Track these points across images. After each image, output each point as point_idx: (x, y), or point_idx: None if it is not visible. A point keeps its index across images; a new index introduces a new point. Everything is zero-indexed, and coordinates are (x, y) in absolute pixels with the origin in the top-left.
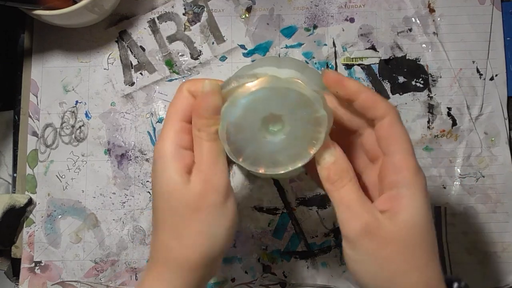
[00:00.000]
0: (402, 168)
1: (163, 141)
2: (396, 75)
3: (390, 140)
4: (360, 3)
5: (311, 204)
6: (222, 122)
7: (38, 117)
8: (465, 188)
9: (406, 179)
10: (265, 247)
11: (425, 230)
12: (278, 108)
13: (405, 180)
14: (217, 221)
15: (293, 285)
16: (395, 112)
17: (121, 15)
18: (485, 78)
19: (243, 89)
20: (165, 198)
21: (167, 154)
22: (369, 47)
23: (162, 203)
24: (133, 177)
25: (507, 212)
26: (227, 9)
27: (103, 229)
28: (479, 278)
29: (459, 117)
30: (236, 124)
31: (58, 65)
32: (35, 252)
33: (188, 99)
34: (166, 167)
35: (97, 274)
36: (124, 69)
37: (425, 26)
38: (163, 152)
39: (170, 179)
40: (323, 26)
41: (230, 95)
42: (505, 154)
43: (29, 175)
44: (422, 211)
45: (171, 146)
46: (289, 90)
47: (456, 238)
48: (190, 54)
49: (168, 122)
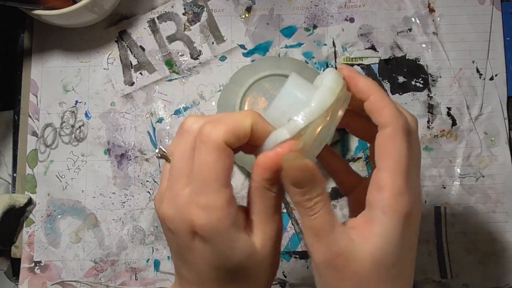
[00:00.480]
0: (385, 187)
1: (218, 220)
2: (396, 75)
3: (382, 154)
4: (360, 3)
5: None
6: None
7: (38, 117)
8: (465, 188)
9: (385, 201)
10: None
11: (395, 266)
12: None
13: (383, 202)
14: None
15: (292, 285)
16: (400, 123)
17: (121, 15)
18: (485, 78)
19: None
20: (239, 269)
21: (229, 233)
22: (369, 47)
23: (237, 272)
24: (133, 177)
25: (507, 212)
26: (227, 9)
27: (103, 229)
28: (479, 278)
29: (459, 117)
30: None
31: (58, 65)
32: (35, 252)
33: (230, 157)
34: (233, 243)
35: (97, 274)
36: (124, 69)
37: (425, 26)
38: (222, 232)
39: (242, 254)
40: (323, 26)
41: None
42: (505, 154)
43: (29, 175)
44: (394, 242)
45: (228, 218)
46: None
47: (456, 238)
48: (190, 54)
49: (212, 191)
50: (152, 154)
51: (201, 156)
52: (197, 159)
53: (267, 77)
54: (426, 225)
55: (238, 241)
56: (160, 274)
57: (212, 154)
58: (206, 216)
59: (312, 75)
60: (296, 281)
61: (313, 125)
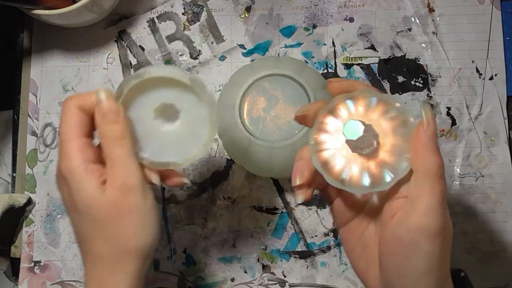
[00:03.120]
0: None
1: (70, 160)
2: (396, 75)
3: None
4: (359, 3)
5: (310, 203)
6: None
7: (37, 117)
8: (465, 187)
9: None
10: (264, 247)
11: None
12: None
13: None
14: (140, 220)
15: (292, 284)
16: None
17: (121, 15)
18: (485, 77)
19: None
20: (86, 213)
21: (79, 171)
22: (368, 47)
23: (84, 219)
24: None
25: (507, 211)
26: (226, 8)
27: None
28: (479, 278)
29: (459, 117)
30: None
31: (57, 64)
32: (35, 252)
33: (79, 115)
34: (82, 185)
35: None
36: (124, 69)
37: (425, 26)
38: (74, 171)
39: (87, 194)
40: (322, 25)
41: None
42: (505, 154)
43: (29, 175)
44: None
45: (80, 163)
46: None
47: (456, 238)
48: (190, 54)
49: (67, 141)
50: None
51: (62, 116)
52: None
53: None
54: None
55: (85, 185)
56: (159, 274)
57: (66, 115)
58: (64, 162)
59: (312, 75)
60: (295, 281)
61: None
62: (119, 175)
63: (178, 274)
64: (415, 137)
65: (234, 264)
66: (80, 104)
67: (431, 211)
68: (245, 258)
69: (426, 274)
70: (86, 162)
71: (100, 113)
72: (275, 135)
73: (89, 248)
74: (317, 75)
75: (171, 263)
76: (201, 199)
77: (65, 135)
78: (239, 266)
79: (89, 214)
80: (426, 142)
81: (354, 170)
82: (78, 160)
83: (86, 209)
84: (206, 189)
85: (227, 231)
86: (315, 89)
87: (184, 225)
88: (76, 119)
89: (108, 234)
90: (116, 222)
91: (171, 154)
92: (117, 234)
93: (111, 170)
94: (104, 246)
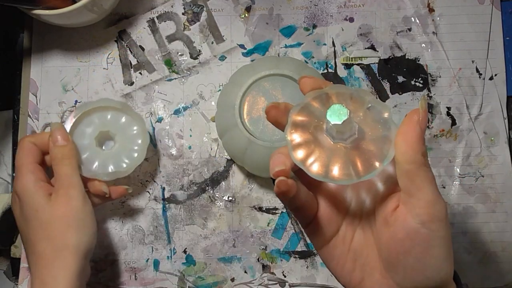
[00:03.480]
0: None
1: (23, 179)
2: (396, 75)
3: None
4: (359, 3)
5: None
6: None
7: (37, 117)
8: (465, 187)
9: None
10: (264, 247)
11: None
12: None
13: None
14: (79, 222)
15: (292, 284)
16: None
17: (121, 15)
18: (485, 77)
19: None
20: (32, 218)
21: (30, 186)
22: (368, 47)
23: (30, 224)
24: (132, 177)
25: (507, 211)
26: (226, 8)
27: (103, 229)
28: (479, 277)
29: (459, 117)
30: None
31: (57, 64)
32: None
33: (31, 147)
34: (31, 196)
35: (97, 274)
36: (124, 69)
37: (425, 26)
38: (26, 186)
39: (35, 202)
40: (322, 25)
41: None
42: (505, 154)
43: None
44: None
45: (31, 180)
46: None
47: (456, 237)
48: (190, 54)
49: (21, 165)
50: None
51: (17, 150)
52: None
53: (267, 77)
54: None
55: (34, 197)
56: (159, 274)
57: (21, 148)
58: (18, 181)
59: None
60: (295, 281)
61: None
62: (63, 186)
63: (178, 274)
64: (406, 126)
65: (234, 264)
66: (33, 141)
67: (436, 198)
68: (245, 258)
69: (446, 259)
70: (36, 180)
71: (53, 140)
72: (275, 135)
73: (33, 250)
74: (317, 75)
75: (171, 263)
76: (201, 199)
77: (19, 161)
78: (239, 266)
79: (35, 218)
80: (419, 133)
81: (337, 162)
82: (29, 179)
83: (33, 213)
84: (206, 189)
85: (227, 231)
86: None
87: (184, 225)
88: (28, 149)
89: (50, 233)
90: (58, 222)
91: (114, 165)
92: (58, 234)
93: (57, 183)
94: (46, 246)
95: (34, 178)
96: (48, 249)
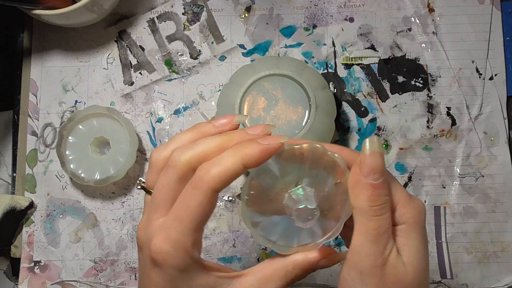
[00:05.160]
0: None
1: (185, 253)
2: (396, 75)
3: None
4: (359, 3)
5: None
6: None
7: (37, 117)
8: (465, 187)
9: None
10: (264, 247)
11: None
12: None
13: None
14: None
15: (292, 284)
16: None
17: (121, 15)
18: (485, 77)
19: None
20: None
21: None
22: (368, 47)
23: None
24: (132, 177)
25: (507, 211)
26: (226, 8)
27: (103, 229)
28: (479, 278)
29: (459, 117)
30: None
31: (57, 64)
32: (35, 252)
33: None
34: (193, 283)
35: (97, 274)
36: (124, 69)
37: (425, 26)
38: (187, 265)
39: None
40: (322, 25)
41: None
42: (505, 154)
43: (29, 175)
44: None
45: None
46: None
47: (456, 238)
48: (190, 54)
49: (187, 229)
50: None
51: (187, 196)
52: (183, 197)
53: (267, 77)
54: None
55: (198, 279)
56: None
57: (198, 198)
58: (168, 246)
59: (312, 75)
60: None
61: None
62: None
63: None
64: (351, 175)
65: (234, 264)
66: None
67: (360, 249)
68: (245, 258)
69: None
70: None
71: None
72: None
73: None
74: (317, 75)
75: None
76: None
77: (186, 222)
78: (239, 266)
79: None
80: (360, 180)
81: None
82: (190, 260)
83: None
84: None
85: (227, 231)
86: (315, 89)
87: None
88: (208, 208)
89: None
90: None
91: (101, 172)
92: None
93: None
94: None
95: (194, 255)
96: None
